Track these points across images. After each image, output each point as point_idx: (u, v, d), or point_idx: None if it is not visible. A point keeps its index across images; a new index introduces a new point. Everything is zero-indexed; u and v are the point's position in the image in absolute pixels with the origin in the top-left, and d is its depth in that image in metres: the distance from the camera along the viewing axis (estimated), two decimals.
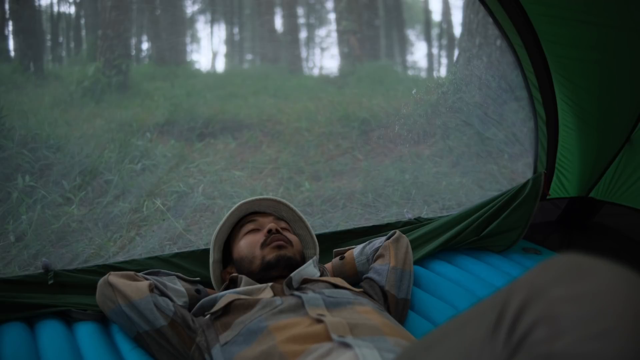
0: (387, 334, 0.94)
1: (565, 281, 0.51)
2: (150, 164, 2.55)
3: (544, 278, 0.53)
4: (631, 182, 2.08)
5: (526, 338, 0.48)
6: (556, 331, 0.47)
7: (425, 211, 2.19)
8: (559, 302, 0.49)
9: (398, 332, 0.98)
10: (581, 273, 0.52)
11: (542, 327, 0.47)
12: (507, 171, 2.54)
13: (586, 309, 0.47)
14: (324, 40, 5.92)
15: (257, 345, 0.95)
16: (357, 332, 0.92)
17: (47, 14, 3.78)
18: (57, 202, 2.04)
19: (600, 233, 2.23)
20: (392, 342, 0.90)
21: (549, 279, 0.52)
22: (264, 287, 1.17)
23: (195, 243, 1.86)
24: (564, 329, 0.46)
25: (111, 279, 1.15)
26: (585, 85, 1.82)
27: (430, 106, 2.61)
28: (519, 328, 0.49)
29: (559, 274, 0.52)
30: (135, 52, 4.28)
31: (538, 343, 0.47)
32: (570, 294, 0.49)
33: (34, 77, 3.36)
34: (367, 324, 0.97)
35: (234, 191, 2.48)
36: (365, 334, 0.92)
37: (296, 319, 0.99)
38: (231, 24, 5.19)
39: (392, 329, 0.98)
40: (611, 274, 0.51)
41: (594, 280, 0.51)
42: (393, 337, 0.93)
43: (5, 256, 1.65)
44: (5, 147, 2.34)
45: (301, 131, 3.46)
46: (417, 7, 6.61)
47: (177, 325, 1.10)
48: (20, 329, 1.18)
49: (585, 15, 1.56)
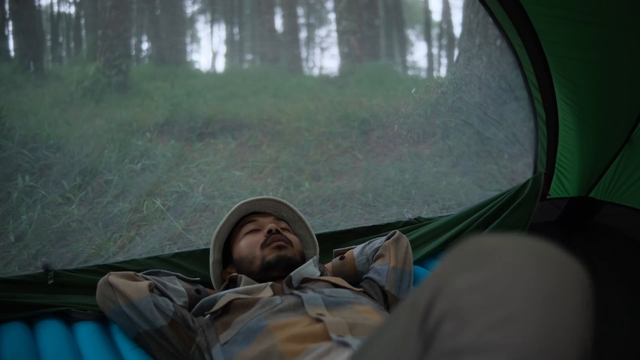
0: None
1: (468, 269, 0.48)
2: (150, 164, 2.55)
3: (449, 269, 0.50)
4: (631, 182, 2.08)
5: (435, 334, 0.45)
6: (461, 324, 0.44)
7: (425, 211, 2.19)
8: (462, 293, 0.46)
9: None
10: (484, 258, 0.48)
11: (448, 320, 0.44)
12: (507, 171, 2.54)
13: (489, 296, 0.44)
14: (324, 40, 5.93)
15: (257, 344, 0.95)
16: (356, 331, 0.92)
17: (47, 14, 3.78)
18: (57, 202, 2.04)
19: (600, 233, 2.23)
20: None
21: (453, 269, 0.49)
22: (263, 286, 1.17)
23: (195, 243, 1.86)
24: (467, 320, 0.43)
25: (111, 279, 1.15)
26: (585, 85, 1.82)
27: (430, 106, 2.61)
28: (429, 324, 0.46)
29: (463, 263, 0.49)
30: (135, 52, 4.29)
31: (445, 338, 0.44)
32: (472, 283, 0.46)
33: (34, 77, 3.36)
34: (366, 323, 0.97)
35: (234, 191, 2.47)
36: (365, 333, 0.92)
37: (296, 318, 0.99)
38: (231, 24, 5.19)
39: None
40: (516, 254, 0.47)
41: (498, 263, 0.47)
42: None
43: (5, 256, 1.65)
44: (5, 147, 2.34)
45: (301, 131, 3.46)
46: (417, 7, 6.61)
47: (177, 325, 1.10)
48: (20, 329, 1.18)
49: (585, 15, 1.56)
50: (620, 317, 1.55)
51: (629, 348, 1.42)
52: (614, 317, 1.55)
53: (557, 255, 0.48)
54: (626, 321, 1.53)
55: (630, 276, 1.80)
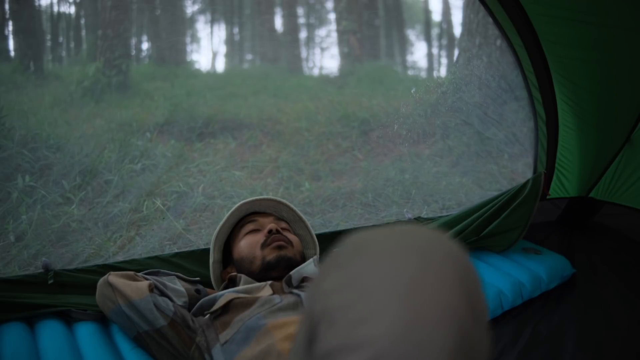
0: None
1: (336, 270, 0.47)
2: (150, 164, 2.55)
3: (324, 270, 0.49)
4: (631, 182, 2.08)
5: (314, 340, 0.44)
6: (329, 325, 0.43)
7: (425, 211, 2.19)
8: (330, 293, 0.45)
9: None
10: (354, 254, 0.47)
11: (321, 323, 0.44)
12: (507, 171, 2.54)
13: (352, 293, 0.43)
14: (324, 40, 5.92)
15: (256, 344, 0.95)
16: None
17: (47, 14, 3.78)
18: (57, 202, 2.04)
19: (600, 233, 2.23)
20: None
21: (327, 269, 0.48)
22: (263, 285, 1.17)
23: (195, 243, 1.86)
24: (334, 321, 0.42)
25: (111, 279, 1.15)
26: (585, 85, 1.82)
27: (430, 106, 2.62)
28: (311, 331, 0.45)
29: (336, 262, 0.48)
30: (135, 52, 4.28)
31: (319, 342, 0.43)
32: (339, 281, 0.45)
33: (34, 77, 3.36)
34: None
35: (234, 191, 2.47)
36: None
37: (294, 317, 0.99)
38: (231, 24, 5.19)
39: None
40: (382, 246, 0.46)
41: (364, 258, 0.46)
42: None
43: (5, 256, 1.65)
44: (5, 147, 2.34)
45: (301, 131, 3.46)
46: (417, 7, 6.60)
47: (176, 325, 1.10)
48: (20, 329, 1.18)
49: (585, 15, 1.56)
50: (620, 317, 1.55)
51: (628, 348, 1.42)
52: (614, 317, 1.55)
53: (424, 237, 0.47)
54: (626, 321, 1.53)
55: (630, 276, 1.80)
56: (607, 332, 1.47)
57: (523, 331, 1.47)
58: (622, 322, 1.53)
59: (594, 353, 1.38)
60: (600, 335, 1.45)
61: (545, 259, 1.78)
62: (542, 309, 1.60)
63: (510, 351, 1.37)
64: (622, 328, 1.50)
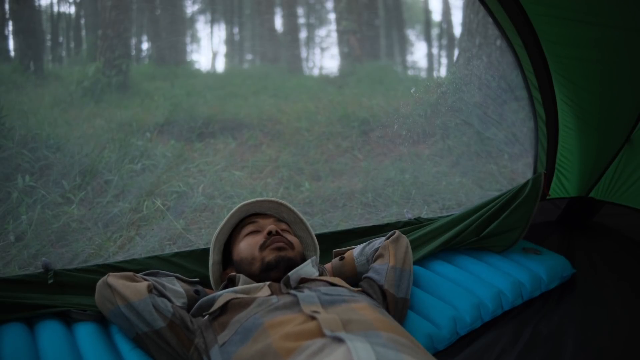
0: (380, 329, 0.94)
1: None
2: (150, 164, 2.55)
3: None
4: (631, 182, 2.08)
5: None
6: None
7: (425, 211, 2.19)
8: None
9: (392, 328, 0.98)
10: None
11: None
12: (507, 171, 2.54)
13: None
14: (324, 40, 5.92)
15: (253, 344, 0.95)
16: (350, 327, 0.93)
17: (47, 14, 3.78)
18: (57, 202, 2.04)
19: (600, 233, 2.23)
20: (385, 337, 0.91)
21: None
22: (261, 285, 1.17)
23: (195, 243, 1.86)
24: None
25: (110, 280, 1.14)
26: (585, 85, 1.82)
27: (430, 106, 2.62)
28: None
29: None
30: (135, 52, 4.28)
31: None
32: None
33: (34, 77, 3.36)
34: (360, 319, 0.97)
35: (234, 191, 2.47)
36: (358, 329, 0.93)
37: (290, 316, 0.99)
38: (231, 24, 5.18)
39: (385, 325, 0.98)
40: None
41: None
42: (386, 333, 0.93)
43: (5, 256, 1.65)
44: (5, 147, 2.34)
45: (301, 131, 3.46)
46: (417, 7, 6.60)
47: (175, 327, 1.10)
48: (20, 329, 1.18)
49: (585, 15, 1.56)
50: (620, 317, 1.55)
51: (628, 348, 1.42)
52: (614, 317, 1.55)
53: None
54: (626, 321, 1.53)
55: (630, 276, 1.80)
56: (607, 332, 1.47)
57: (523, 331, 1.47)
58: (622, 322, 1.52)
59: (594, 353, 1.38)
60: (600, 335, 1.45)
61: (545, 259, 1.78)
62: (542, 309, 1.59)
63: (510, 351, 1.37)
64: (622, 328, 1.50)
